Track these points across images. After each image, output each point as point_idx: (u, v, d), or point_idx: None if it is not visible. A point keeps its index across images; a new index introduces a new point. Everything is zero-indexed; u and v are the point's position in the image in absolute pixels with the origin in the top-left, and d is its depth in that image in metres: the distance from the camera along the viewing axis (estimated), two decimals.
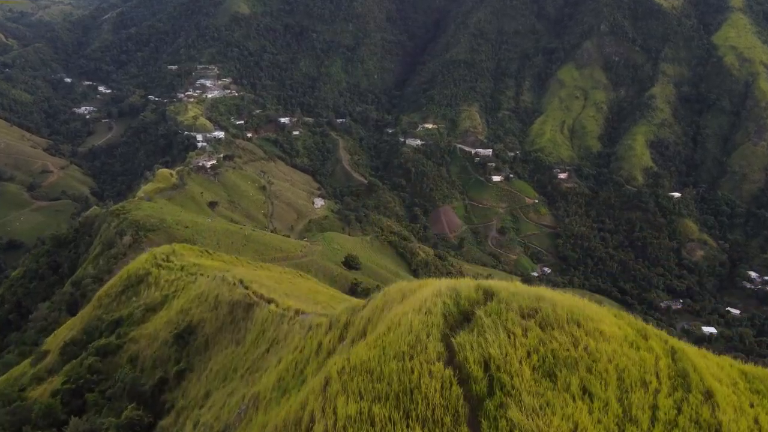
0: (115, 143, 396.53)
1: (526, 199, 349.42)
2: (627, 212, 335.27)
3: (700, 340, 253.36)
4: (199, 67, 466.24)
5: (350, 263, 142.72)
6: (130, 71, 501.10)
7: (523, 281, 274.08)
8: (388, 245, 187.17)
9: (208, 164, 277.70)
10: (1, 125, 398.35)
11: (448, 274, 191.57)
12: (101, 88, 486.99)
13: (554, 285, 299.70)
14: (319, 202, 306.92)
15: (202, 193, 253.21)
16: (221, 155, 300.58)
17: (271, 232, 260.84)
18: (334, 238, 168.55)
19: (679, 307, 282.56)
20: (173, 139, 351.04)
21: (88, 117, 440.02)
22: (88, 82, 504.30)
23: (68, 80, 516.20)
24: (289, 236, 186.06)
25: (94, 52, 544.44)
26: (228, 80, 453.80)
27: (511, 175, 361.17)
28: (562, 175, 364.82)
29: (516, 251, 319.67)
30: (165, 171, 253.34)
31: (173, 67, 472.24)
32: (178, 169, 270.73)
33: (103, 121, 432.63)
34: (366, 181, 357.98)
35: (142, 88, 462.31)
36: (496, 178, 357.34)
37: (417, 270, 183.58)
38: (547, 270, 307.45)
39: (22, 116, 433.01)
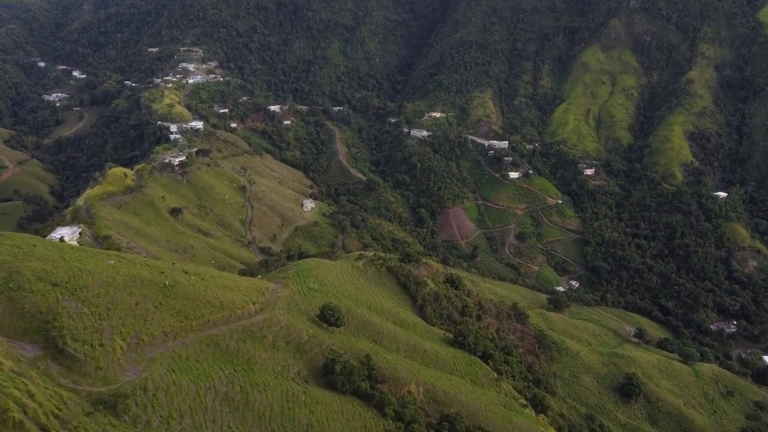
0: (84, 134, 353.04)
1: (548, 198, 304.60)
2: (665, 215, 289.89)
3: (762, 374, 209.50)
4: (182, 49, 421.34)
5: (328, 317, 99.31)
6: (108, 54, 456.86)
7: (550, 302, 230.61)
8: (386, 272, 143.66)
9: (176, 161, 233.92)
10: None
11: (464, 310, 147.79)
12: (76, 73, 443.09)
13: (584, 303, 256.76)
14: (309, 205, 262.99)
15: (163, 197, 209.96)
16: (194, 150, 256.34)
17: (247, 244, 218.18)
18: (313, 269, 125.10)
19: (733, 330, 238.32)
20: (145, 129, 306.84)
21: (58, 105, 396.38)
22: (62, 67, 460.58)
23: (42, 64, 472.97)
24: (246, 272, 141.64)
25: (70, 34, 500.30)
26: (213, 64, 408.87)
27: (531, 171, 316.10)
28: (589, 171, 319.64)
29: (538, 261, 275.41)
30: (117, 171, 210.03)
31: (153, 50, 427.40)
32: (138, 167, 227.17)
33: (74, 109, 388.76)
34: (365, 178, 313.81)
35: (120, 73, 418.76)
36: (514, 175, 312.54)
37: (424, 307, 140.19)
38: (575, 284, 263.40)
39: None
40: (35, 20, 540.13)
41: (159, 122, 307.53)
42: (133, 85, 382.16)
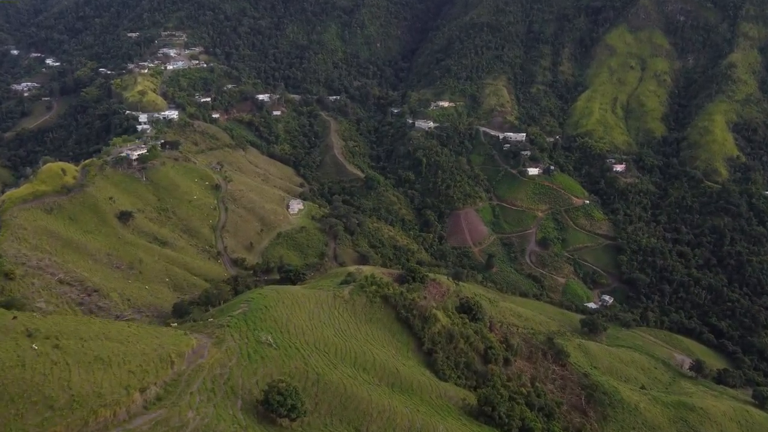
0: (48, 126, 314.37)
1: (573, 198, 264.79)
2: (710, 217, 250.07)
3: None
4: (163, 33, 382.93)
5: (277, 406, 59.74)
6: (86, 41, 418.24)
7: (584, 326, 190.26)
8: (381, 303, 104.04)
9: (135, 155, 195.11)
10: None
11: (488, 353, 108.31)
12: (49, 61, 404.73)
13: (623, 324, 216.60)
14: (296, 206, 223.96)
15: (112, 198, 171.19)
16: (159, 142, 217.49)
17: (216, 255, 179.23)
18: (273, 305, 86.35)
19: None
20: (111, 120, 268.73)
21: (26, 95, 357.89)
22: (35, 54, 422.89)
23: (15, 52, 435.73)
24: (180, 308, 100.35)
25: (46, 20, 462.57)
26: (197, 49, 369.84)
27: (552, 167, 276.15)
28: (619, 167, 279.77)
29: (564, 271, 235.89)
30: (54, 166, 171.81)
31: (133, 35, 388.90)
32: (85, 162, 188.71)
33: (43, 99, 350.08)
34: (363, 175, 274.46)
35: (96, 60, 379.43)
36: (533, 171, 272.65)
37: (434, 353, 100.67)
38: (608, 299, 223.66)
39: None
40: (12, 6, 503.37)
41: (127, 111, 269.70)
42: (108, 72, 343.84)
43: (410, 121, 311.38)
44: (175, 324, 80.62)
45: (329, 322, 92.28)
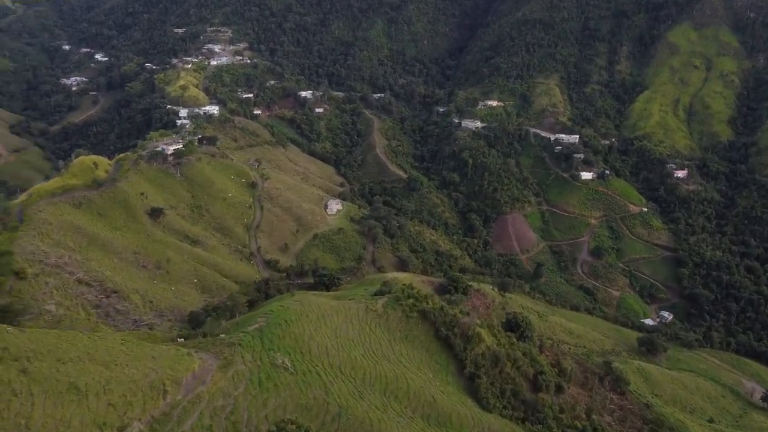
0: (93, 120, 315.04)
1: (630, 205, 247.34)
2: None
3: None
4: (209, 29, 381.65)
5: None
6: (133, 36, 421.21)
7: (641, 345, 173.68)
8: (419, 319, 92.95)
9: (170, 149, 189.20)
10: None
11: (537, 379, 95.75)
12: (98, 56, 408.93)
13: (684, 344, 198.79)
14: (334, 206, 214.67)
15: (143, 193, 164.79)
16: (196, 137, 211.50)
17: (249, 255, 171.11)
18: (295, 319, 76.15)
19: None
20: (152, 114, 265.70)
21: (74, 89, 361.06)
22: (85, 49, 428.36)
23: (66, 47, 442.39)
24: (199, 317, 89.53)
25: (97, 15, 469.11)
26: (242, 45, 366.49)
27: (607, 172, 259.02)
28: (680, 173, 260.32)
29: (618, 284, 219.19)
30: (86, 159, 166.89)
31: (179, 30, 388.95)
32: (119, 156, 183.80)
33: (90, 93, 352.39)
34: (405, 176, 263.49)
35: (143, 55, 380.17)
36: (586, 176, 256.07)
37: (477, 377, 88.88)
38: (667, 316, 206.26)
39: None
40: (66, 2, 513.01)
41: (168, 106, 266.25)
42: (153, 67, 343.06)
43: (456, 121, 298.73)
44: (182, 340, 71.74)
45: (359, 339, 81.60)
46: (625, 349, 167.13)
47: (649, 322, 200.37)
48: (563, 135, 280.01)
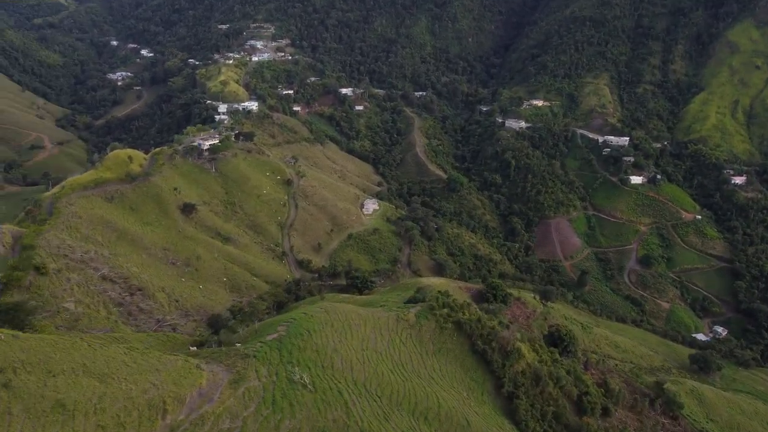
0: (135, 115, 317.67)
1: (683, 212, 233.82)
2: None
3: None
4: (252, 25, 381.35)
5: None
6: (179, 32, 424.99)
7: (693, 362, 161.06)
8: (454, 331, 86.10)
9: (206, 145, 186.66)
10: (13, 90, 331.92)
11: (582, 400, 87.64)
12: (144, 51, 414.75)
13: (740, 363, 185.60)
14: (370, 206, 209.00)
15: (177, 188, 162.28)
16: (233, 132, 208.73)
17: (281, 255, 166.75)
18: (319, 328, 70.04)
19: None
20: (192, 109, 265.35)
21: (120, 84, 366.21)
22: (132, 45, 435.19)
23: (114, 43, 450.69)
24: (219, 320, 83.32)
25: (144, 12, 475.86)
26: (284, 42, 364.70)
27: (659, 176, 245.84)
28: (738, 180, 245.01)
29: (668, 295, 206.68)
30: (120, 153, 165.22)
31: (223, 27, 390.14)
32: (154, 150, 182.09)
33: (134, 88, 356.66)
34: (445, 176, 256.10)
35: (187, 51, 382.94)
36: (636, 180, 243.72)
37: (515, 398, 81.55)
38: (722, 331, 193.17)
39: (45, 80, 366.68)
40: None
41: (208, 101, 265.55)
42: (196, 63, 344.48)
43: (500, 120, 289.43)
44: (194, 348, 66.56)
45: (387, 353, 75.21)
46: (675, 366, 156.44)
47: (701, 337, 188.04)
48: (612, 137, 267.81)
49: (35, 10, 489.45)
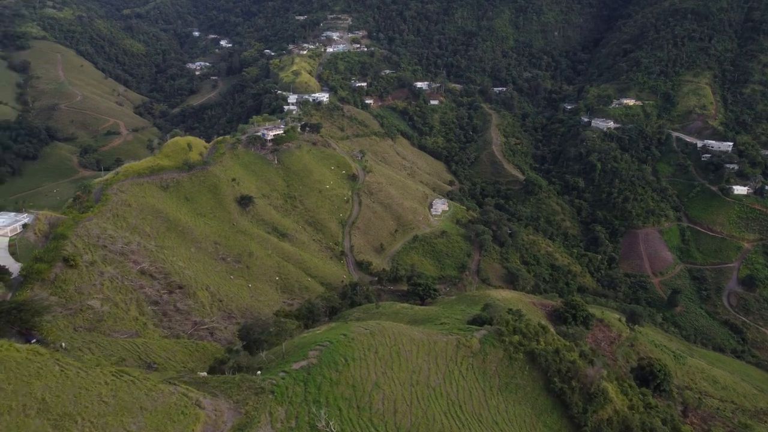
0: (209, 104, 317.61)
1: None
2: None
3: None
4: (329, 16, 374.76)
5: None
6: (257, 23, 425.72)
7: None
8: (526, 363, 71.53)
9: (270, 135, 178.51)
10: (96, 77, 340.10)
11: None
12: (223, 42, 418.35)
13: None
14: (439, 207, 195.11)
15: (235, 179, 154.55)
16: (299, 124, 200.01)
17: (340, 254, 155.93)
18: (358, 354, 58.09)
19: None
20: (263, 99, 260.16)
21: (197, 73, 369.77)
22: (212, 36, 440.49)
23: (196, 33, 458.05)
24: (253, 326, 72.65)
25: (226, 3, 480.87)
26: (360, 33, 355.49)
27: (767, 187, 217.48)
28: None
29: None
30: (180, 140, 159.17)
31: (300, 17, 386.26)
32: (216, 139, 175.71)
33: (211, 78, 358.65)
34: (523, 178, 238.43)
35: (263, 42, 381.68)
36: (740, 190, 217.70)
37: None
38: None
39: (128, 68, 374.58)
40: None
41: (278, 91, 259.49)
42: (271, 53, 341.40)
43: (585, 120, 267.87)
44: (204, 374, 55.73)
45: (442, 389, 61.79)
46: None
47: None
48: (713, 141, 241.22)
49: (125, 0, 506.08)
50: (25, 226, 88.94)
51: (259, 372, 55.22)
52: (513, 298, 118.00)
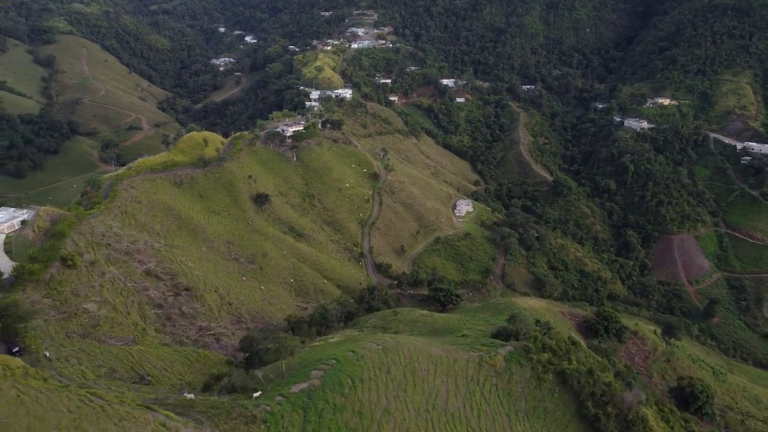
0: (232, 100, 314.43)
1: None
2: None
3: None
4: (355, 12, 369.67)
5: None
6: (282, 19, 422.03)
7: None
8: (555, 384, 64.36)
9: (289, 131, 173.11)
10: (121, 71, 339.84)
11: None
12: (248, 38, 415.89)
13: None
14: (463, 208, 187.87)
15: (251, 176, 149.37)
16: (320, 120, 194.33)
17: (359, 256, 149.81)
18: (368, 374, 51.37)
19: None
20: (285, 94, 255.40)
21: (221, 69, 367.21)
22: (237, 32, 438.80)
23: (222, 29, 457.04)
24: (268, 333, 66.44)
25: None
26: (386, 29, 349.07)
27: None
28: None
29: None
30: (196, 135, 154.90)
31: (326, 13, 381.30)
32: (234, 135, 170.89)
33: (234, 74, 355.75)
34: (551, 179, 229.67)
35: (288, 38, 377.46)
36: None
37: None
38: None
39: (152, 64, 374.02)
40: None
41: (301, 87, 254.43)
42: (295, 49, 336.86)
43: (618, 120, 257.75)
44: (191, 396, 49.95)
45: (461, 415, 55.01)
46: None
47: None
48: (754, 143, 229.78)
49: None
50: (24, 222, 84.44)
51: (256, 395, 49.06)
52: (541, 307, 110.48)
